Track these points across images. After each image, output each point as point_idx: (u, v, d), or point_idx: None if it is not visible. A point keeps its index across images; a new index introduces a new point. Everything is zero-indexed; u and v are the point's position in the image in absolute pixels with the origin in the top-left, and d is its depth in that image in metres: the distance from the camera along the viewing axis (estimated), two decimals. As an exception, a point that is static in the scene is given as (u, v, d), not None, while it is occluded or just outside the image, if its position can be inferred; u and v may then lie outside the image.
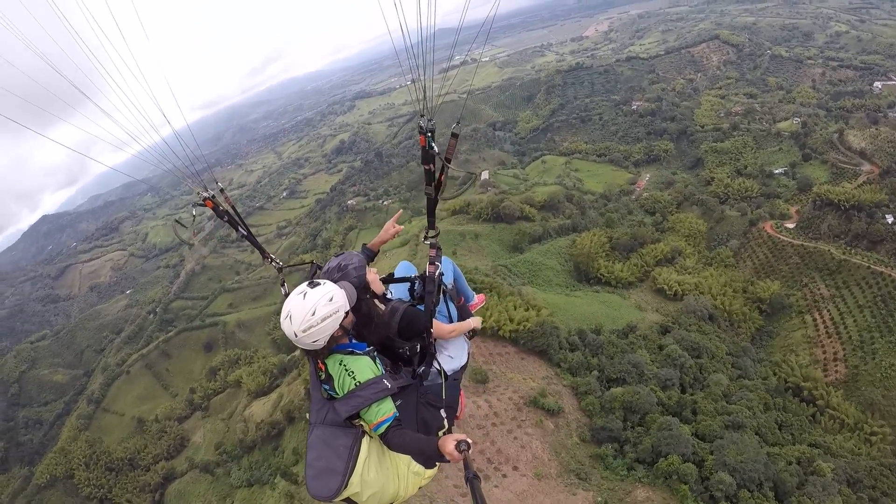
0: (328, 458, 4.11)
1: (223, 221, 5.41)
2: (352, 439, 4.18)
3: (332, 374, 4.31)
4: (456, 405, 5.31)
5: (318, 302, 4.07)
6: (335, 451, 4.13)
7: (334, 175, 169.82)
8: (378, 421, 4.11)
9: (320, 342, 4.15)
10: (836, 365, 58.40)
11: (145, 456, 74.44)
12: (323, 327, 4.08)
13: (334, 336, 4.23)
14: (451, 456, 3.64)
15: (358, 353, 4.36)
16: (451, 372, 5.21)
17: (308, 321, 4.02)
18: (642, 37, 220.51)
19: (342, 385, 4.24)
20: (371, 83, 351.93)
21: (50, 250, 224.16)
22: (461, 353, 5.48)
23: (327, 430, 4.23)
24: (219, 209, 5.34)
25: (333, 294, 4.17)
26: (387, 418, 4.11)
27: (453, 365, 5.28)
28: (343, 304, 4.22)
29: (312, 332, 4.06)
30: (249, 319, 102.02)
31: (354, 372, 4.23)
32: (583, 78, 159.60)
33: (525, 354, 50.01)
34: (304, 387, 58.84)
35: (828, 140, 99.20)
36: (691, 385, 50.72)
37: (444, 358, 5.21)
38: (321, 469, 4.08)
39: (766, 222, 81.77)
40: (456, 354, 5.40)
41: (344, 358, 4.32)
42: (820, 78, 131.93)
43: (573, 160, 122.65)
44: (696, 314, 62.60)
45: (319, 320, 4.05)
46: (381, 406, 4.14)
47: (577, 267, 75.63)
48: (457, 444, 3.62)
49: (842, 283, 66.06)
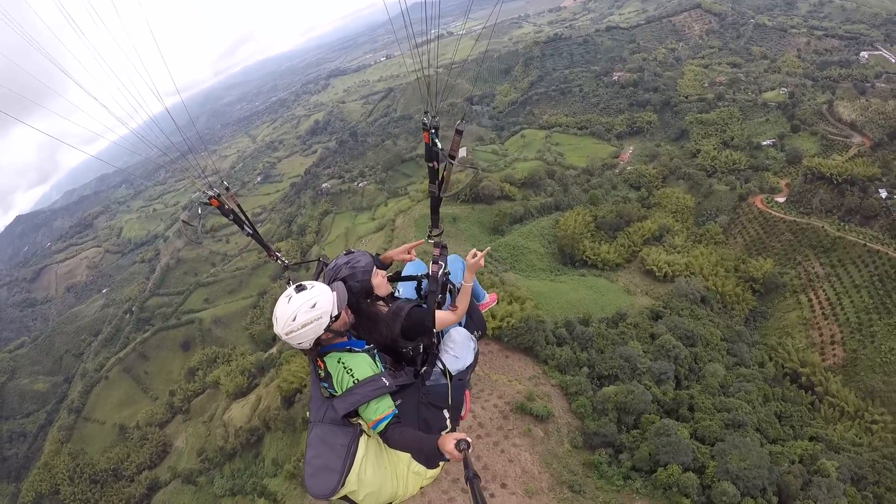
0: (326, 457, 4.10)
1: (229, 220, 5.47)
2: (350, 438, 4.17)
3: (330, 371, 4.27)
4: (461, 405, 5.12)
5: (300, 308, 4.10)
6: (333, 449, 4.12)
7: (309, 157, 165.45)
8: (377, 419, 4.12)
9: (304, 344, 4.21)
10: (834, 348, 56.46)
11: (129, 465, 72.66)
12: (303, 333, 4.13)
13: (322, 338, 4.27)
14: (450, 455, 3.70)
15: (357, 351, 4.36)
16: (456, 372, 4.96)
17: (289, 326, 4.10)
18: (622, 6, 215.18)
19: (341, 383, 4.21)
20: (346, 60, 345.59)
21: (25, 252, 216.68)
22: (467, 353, 5.14)
23: (326, 428, 4.23)
24: (224, 208, 5.48)
25: (318, 300, 4.16)
26: (385, 416, 4.13)
27: (458, 365, 5.01)
28: (327, 311, 4.19)
29: (294, 337, 4.13)
30: (226, 315, 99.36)
31: (353, 369, 4.21)
32: (561, 49, 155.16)
33: (510, 352, 46.22)
34: (280, 393, 56.48)
35: (817, 111, 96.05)
36: (686, 377, 47.83)
37: (449, 358, 4.99)
38: (319, 467, 4.08)
39: (755, 196, 78.51)
40: (461, 354, 5.08)
41: (342, 356, 4.31)
42: (805, 47, 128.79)
43: (554, 134, 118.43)
44: (687, 297, 59.42)
45: (300, 326, 4.10)
46: (379, 403, 4.15)
47: (562, 249, 71.69)
48: (456, 442, 3.67)
49: (837, 262, 63.66)
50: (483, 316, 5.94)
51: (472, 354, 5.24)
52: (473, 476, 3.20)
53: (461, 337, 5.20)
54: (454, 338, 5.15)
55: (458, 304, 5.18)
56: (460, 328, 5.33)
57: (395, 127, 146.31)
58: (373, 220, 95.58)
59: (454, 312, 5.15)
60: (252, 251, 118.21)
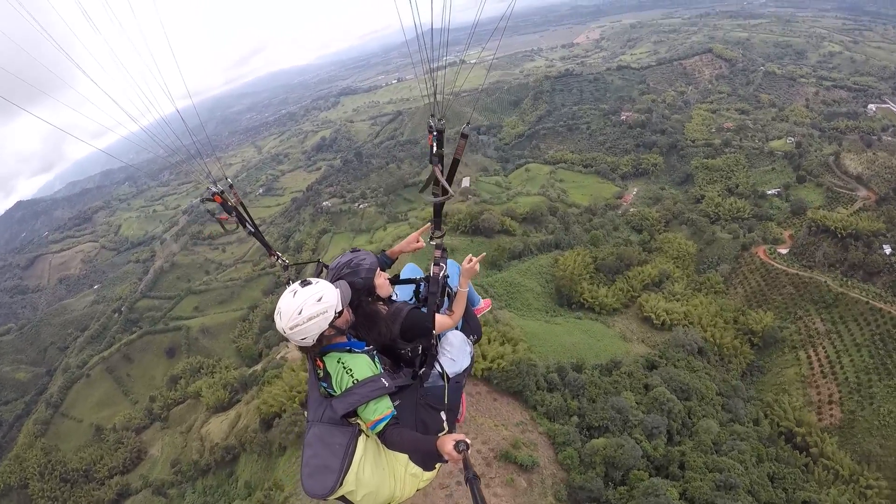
0: (324, 456, 4.08)
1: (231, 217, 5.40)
2: (348, 438, 4.16)
3: (330, 371, 4.27)
4: (457, 408, 5.18)
5: (306, 302, 4.09)
6: (331, 449, 4.11)
7: (313, 173, 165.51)
8: (375, 419, 4.10)
9: (308, 340, 4.18)
10: (832, 408, 55.05)
11: (101, 468, 72.00)
12: (308, 326, 4.10)
13: (325, 335, 4.24)
14: (449, 456, 3.65)
15: (356, 352, 4.35)
16: (453, 374, 5.02)
17: (294, 319, 4.07)
18: (634, 46, 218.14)
19: (340, 383, 4.20)
20: (357, 80, 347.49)
21: (23, 238, 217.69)
22: (463, 356, 5.22)
23: (324, 427, 4.22)
24: (227, 204, 5.36)
25: (323, 294, 4.16)
26: (384, 416, 4.11)
27: (455, 368, 5.07)
28: (333, 305, 4.18)
29: (299, 331, 4.10)
30: (214, 325, 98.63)
31: (352, 370, 4.21)
32: (572, 85, 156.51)
33: (498, 395, 44.82)
34: (259, 415, 54.89)
35: (823, 162, 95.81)
36: (679, 432, 46.36)
37: (446, 360, 5.05)
38: (316, 467, 4.06)
39: (758, 247, 77.66)
40: (458, 357, 5.15)
41: (342, 356, 4.31)
42: (813, 97, 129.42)
43: (558, 170, 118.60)
44: (684, 348, 58.19)
45: (305, 320, 4.07)
46: (378, 404, 4.14)
47: (559, 290, 70.65)
48: (456, 443, 3.62)
49: (838, 318, 62.42)
50: (479, 320, 5.97)
51: (469, 358, 5.32)
52: (473, 477, 3.20)
53: (458, 340, 5.27)
54: (451, 341, 5.21)
55: (455, 308, 5.28)
56: (457, 332, 5.39)
57: (401, 150, 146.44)
58: (371, 244, 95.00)
59: (451, 317, 5.22)
60: (247, 262, 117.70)
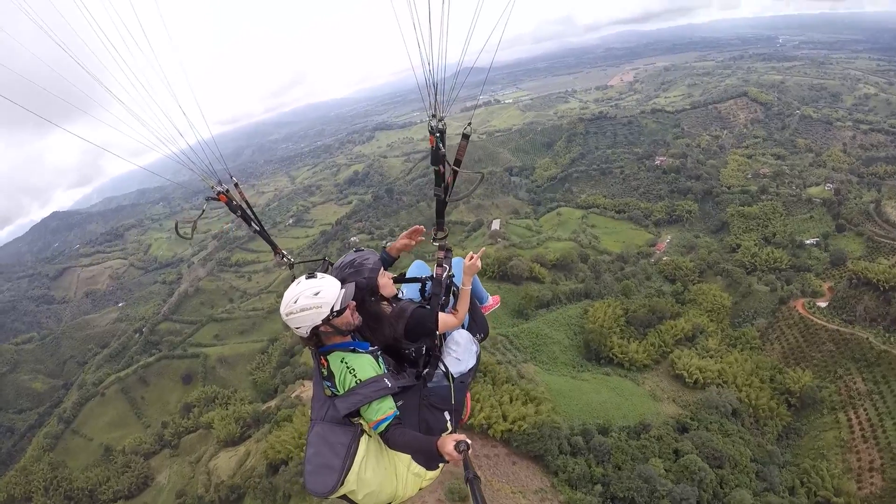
0: (326, 455, 4.12)
1: (236, 216, 5.33)
2: (350, 437, 4.20)
3: (333, 371, 4.29)
4: (462, 408, 5.16)
5: (303, 293, 4.19)
6: (333, 448, 4.15)
7: (344, 206, 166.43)
8: (378, 419, 4.12)
9: (302, 331, 4.29)
10: (872, 476, 51.81)
11: (106, 490, 70.57)
12: (301, 317, 4.20)
13: (322, 331, 4.33)
14: (450, 456, 3.67)
15: (360, 352, 4.38)
16: (458, 375, 5.06)
17: (290, 307, 4.21)
18: (668, 89, 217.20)
19: (343, 382, 4.21)
20: (393, 115, 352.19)
21: (55, 248, 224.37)
22: (469, 356, 5.26)
23: (327, 426, 4.26)
24: (232, 203, 5.30)
25: (322, 290, 4.24)
26: (386, 417, 4.13)
27: (460, 368, 5.11)
28: (328, 302, 4.23)
29: (292, 319, 4.22)
30: (233, 355, 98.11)
31: (356, 369, 4.22)
32: (605, 128, 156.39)
33: (517, 458, 43.81)
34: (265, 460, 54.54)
35: (863, 210, 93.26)
36: (710, 503, 44.37)
37: (451, 360, 5.09)
38: (318, 465, 4.10)
39: (797, 300, 75.09)
40: (463, 357, 5.19)
41: (346, 356, 4.33)
42: (850, 141, 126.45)
43: (590, 214, 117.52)
44: (718, 409, 56.12)
45: (298, 310, 4.18)
46: (381, 404, 4.15)
47: (588, 344, 69.26)
48: (456, 444, 3.64)
49: (881, 378, 59.54)
50: (486, 319, 5.94)
51: (475, 357, 5.34)
52: (473, 477, 3.22)
53: (464, 339, 5.30)
54: (457, 340, 5.25)
55: (458, 307, 5.24)
56: (463, 331, 5.40)
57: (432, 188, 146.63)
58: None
59: (454, 316, 5.18)
60: (272, 293, 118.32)
